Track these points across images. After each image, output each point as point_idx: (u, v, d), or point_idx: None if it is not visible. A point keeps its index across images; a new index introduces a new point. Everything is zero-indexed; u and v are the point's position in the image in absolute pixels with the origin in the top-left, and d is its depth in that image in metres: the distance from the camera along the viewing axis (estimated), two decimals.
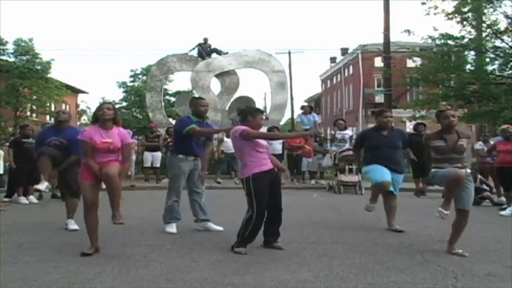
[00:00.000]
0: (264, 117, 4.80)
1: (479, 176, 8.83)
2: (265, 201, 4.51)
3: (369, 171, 5.87)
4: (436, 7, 15.81)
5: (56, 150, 5.68)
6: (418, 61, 19.25)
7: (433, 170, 4.63)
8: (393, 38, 16.33)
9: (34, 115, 24.77)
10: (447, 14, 15.84)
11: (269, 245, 4.69)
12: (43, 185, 5.66)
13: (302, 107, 14.99)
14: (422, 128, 10.22)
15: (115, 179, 4.37)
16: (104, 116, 4.47)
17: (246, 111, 4.88)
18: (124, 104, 33.50)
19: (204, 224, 5.69)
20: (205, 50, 15.42)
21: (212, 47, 15.64)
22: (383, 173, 5.67)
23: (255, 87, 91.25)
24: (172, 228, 5.55)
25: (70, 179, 5.61)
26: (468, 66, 17.42)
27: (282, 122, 19.01)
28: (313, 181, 12.37)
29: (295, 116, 29.43)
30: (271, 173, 4.64)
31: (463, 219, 4.54)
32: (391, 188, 5.79)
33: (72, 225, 5.60)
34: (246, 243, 4.54)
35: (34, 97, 22.72)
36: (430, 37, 16.05)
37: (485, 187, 8.93)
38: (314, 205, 8.44)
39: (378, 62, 26.14)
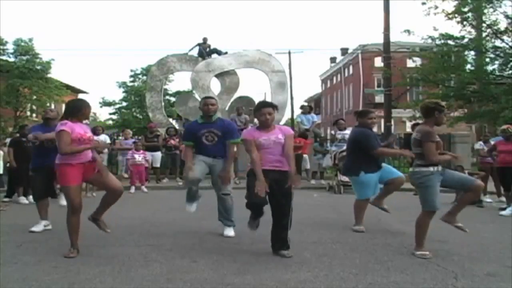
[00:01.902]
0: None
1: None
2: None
3: (360, 183, 5.83)
4: (436, 7, 15.88)
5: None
6: (418, 61, 19.29)
7: (424, 169, 4.41)
8: (393, 38, 16.31)
9: (34, 115, 24.77)
10: (447, 14, 15.88)
11: (276, 252, 4.60)
12: (39, 227, 5.62)
13: (302, 107, 15.00)
14: None
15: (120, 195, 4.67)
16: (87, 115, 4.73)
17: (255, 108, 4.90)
18: (124, 104, 33.44)
19: (222, 227, 5.49)
20: (205, 50, 15.43)
21: (212, 47, 15.66)
22: (368, 190, 5.76)
23: (255, 87, 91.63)
24: (192, 207, 5.48)
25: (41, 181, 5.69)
26: (468, 66, 17.46)
27: (282, 122, 18.98)
28: (313, 181, 12.37)
29: (295, 116, 29.44)
30: (273, 173, 4.56)
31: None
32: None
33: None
34: (254, 220, 4.65)
35: (34, 97, 22.73)
36: (430, 37, 16.09)
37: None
38: (314, 205, 8.43)
39: (378, 62, 26.19)
